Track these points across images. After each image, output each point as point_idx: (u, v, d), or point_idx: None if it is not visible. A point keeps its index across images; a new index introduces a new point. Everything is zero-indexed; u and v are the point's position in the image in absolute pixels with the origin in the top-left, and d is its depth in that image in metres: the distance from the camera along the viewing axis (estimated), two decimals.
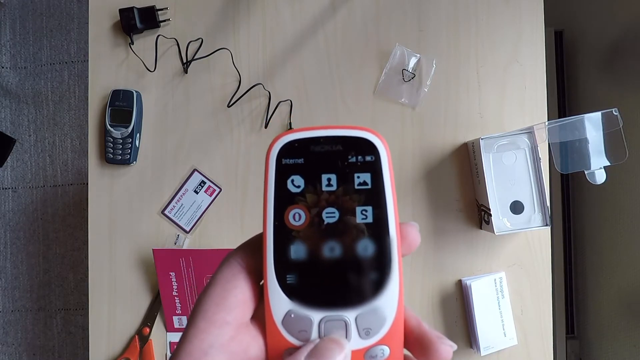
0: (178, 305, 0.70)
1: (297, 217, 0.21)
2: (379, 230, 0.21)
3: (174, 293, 0.70)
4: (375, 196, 0.21)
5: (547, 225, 0.64)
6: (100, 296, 0.71)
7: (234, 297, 0.21)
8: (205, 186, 0.72)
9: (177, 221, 0.72)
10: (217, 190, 0.72)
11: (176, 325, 0.71)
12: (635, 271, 0.99)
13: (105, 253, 0.72)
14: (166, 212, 0.72)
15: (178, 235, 0.71)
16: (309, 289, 0.21)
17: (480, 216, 0.69)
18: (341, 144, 0.22)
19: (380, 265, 0.21)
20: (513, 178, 0.65)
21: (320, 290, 0.21)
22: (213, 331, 0.20)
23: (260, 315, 0.22)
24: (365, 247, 0.21)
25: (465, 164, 0.71)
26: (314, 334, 0.21)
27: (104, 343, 0.71)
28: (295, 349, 0.21)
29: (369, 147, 0.22)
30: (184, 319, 0.71)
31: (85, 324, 1.44)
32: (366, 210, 0.21)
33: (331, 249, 0.21)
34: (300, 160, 0.22)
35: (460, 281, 0.70)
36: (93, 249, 0.72)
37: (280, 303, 0.21)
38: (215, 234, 0.72)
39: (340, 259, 0.21)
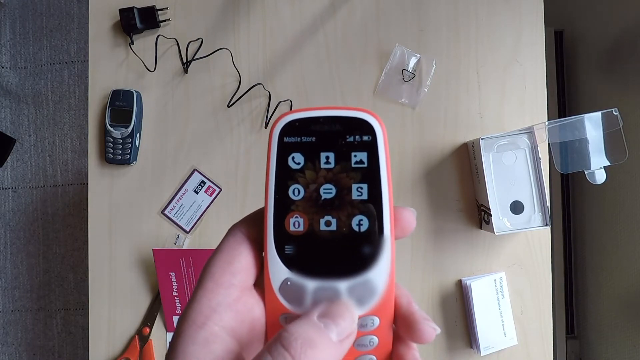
0: (178, 305, 0.70)
1: (296, 191, 0.23)
2: (373, 206, 0.22)
3: (174, 293, 0.70)
4: (370, 174, 0.22)
5: (547, 225, 0.64)
6: (100, 296, 0.71)
7: (239, 262, 0.23)
8: (205, 186, 0.72)
9: (177, 221, 0.72)
10: (217, 190, 0.72)
11: (176, 325, 0.71)
12: (635, 271, 0.99)
13: (105, 253, 0.72)
14: (166, 212, 0.72)
15: (178, 235, 0.71)
16: (305, 259, 0.22)
17: (480, 216, 0.69)
18: (340, 124, 0.23)
19: (373, 240, 0.22)
20: (513, 178, 0.65)
21: (315, 261, 0.22)
22: (220, 291, 0.22)
23: (261, 283, 0.23)
24: (359, 222, 0.22)
25: (465, 164, 0.71)
26: (308, 302, 0.22)
27: (104, 343, 0.71)
28: (291, 314, 0.22)
29: (366, 128, 0.23)
30: None
31: (85, 324, 1.44)
32: (362, 188, 0.22)
33: (327, 223, 0.22)
34: (301, 139, 0.23)
35: (460, 281, 0.70)
36: (93, 249, 0.72)
37: (278, 271, 0.22)
38: (215, 234, 0.72)
39: (335, 233, 0.22)
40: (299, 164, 0.23)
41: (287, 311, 0.22)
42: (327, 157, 0.23)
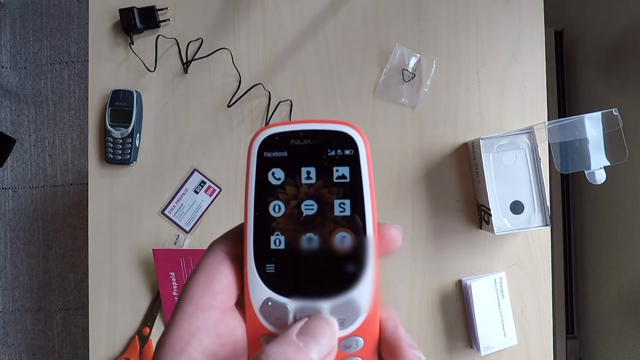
0: None
1: (276, 208, 0.22)
2: (355, 223, 0.22)
3: (174, 293, 0.70)
4: (353, 190, 0.22)
5: (547, 225, 0.64)
6: (100, 296, 0.71)
7: (219, 282, 0.22)
8: (205, 186, 0.72)
9: (177, 221, 0.72)
10: (217, 190, 0.72)
11: None
12: (635, 271, 0.99)
13: (105, 253, 0.72)
14: (166, 212, 0.72)
15: (178, 235, 0.71)
16: (286, 279, 0.22)
17: (480, 216, 0.69)
18: (321, 138, 0.22)
19: (356, 258, 0.21)
20: (513, 178, 0.65)
21: (297, 280, 0.22)
22: (200, 314, 0.21)
23: (244, 302, 0.22)
24: (342, 239, 0.21)
25: (465, 164, 0.71)
26: (290, 322, 0.21)
27: (104, 343, 0.71)
28: (272, 335, 0.21)
29: (348, 141, 0.22)
30: None
31: (85, 324, 1.44)
32: (344, 204, 0.22)
33: (309, 240, 0.22)
34: (281, 154, 0.22)
35: (460, 281, 0.70)
36: (93, 249, 0.72)
37: (259, 291, 0.22)
38: (215, 234, 0.71)
39: (317, 250, 0.22)
40: (279, 179, 0.22)
41: (268, 332, 0.22)
42: (308, 172, 0.22)
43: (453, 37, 0.72)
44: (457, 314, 0.70)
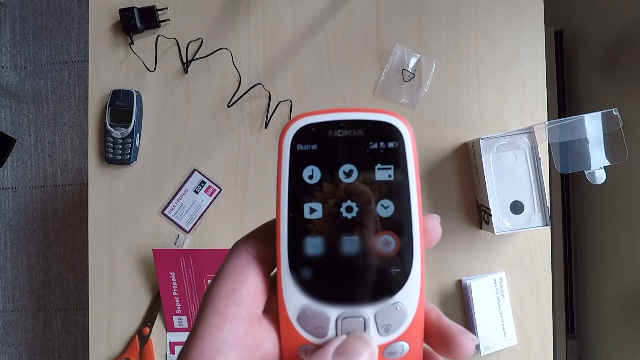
0: (178, 305, 0.70)
1: (313, 209, 0.20)
2: (401, 224, 0.20)
3: (174, 293, 0.70)
4: (398, 188, 0.20)
5: (547, 225, 0.64)
6: (100, 296, 0.71)
7: (245, 289, 0.20)
8: (205, 186, 0.72)
9: (177, 221, 0.72)
10: (217, 190, 0.72)
11: (176, 325, 0.71)
12: (635, 271, 0.99)
13: (105, 253, 0.72)
14: (166, 212, 0.72)
15: (178, 235, 0.71)
16: (325, 285, 0.20)
17: (480, 216, 0.69)
18: (362, 129, 0.20)
19: (402, 261, 0.20)
20: (513, 178, 0.65)
21: (337, 286, 0.20)
22: (225, 326, 0.19)
23: (272, 308, 0.21)
24: (386, 242, 0.20)
25: (465, 164, 0.71)
26: (331, 331, 0.20)
27: (104, 343, 0.71)
28: (312, 346, 0.20)
29: (392, 133, 0.20)
30: (184, 319, 0.71)
31: (85, 324, 1.44)
32: (388, 203, 0.20)
33: (349, 244, 0.20)
34: (317, 147, 0.20)
35: (460, 281, 0.70)
36: (93, 249, 0.72)
37: (295, 299, 0.20)
38: (215, 234, 0.72)
39: (359, 254, 0.20)
40: (315, 176, 0.20)
41: (308, 342, 0.20)
42: (348, 168, 0.20)
43: (453, 37, 0.72)
44: (457, 314, 0.70)
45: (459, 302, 0.70)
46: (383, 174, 0.20)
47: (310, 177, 0.20)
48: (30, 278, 1.47)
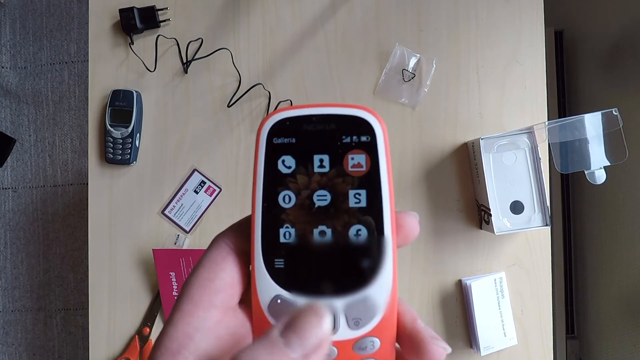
0: None
1: (287, 199, 0.20)
2: (372, 215, 0.20)
3: (174, 293, 0.70)
4: (369, 179, 0.20)
5: (547, 225, 0.64)
6: (100, 296, 0.71)
7: (221, 279, 0.20)
8: (205, 186, 0.72)
9: (177, 221, 0.72)
10: (217, 190, 0.72)
11: None
12: (635, 271, 0.99)
13: (105, 253, 0.72)
14: (166, 212, 0.72)
15: (178, 235, 0.71)
16: (297, 275, 0.20)
17: (480, 216, 0.69)
18: (335, 123, 0.21)
19: (373, 253, 0.20)
20: (513, 178, 0.65)
21: (308, 276, 0.20)
22: (199, 314, 0.20)
23: (248, 300, 0.21)
24: (357, 233, 0.20)
25: (465, 164, 0.71)
26: None
27: (104, 343, 0.71)
28: None
29: (364, 127, 0.21)
30: None
31: (85, 324, 1.44)
32: (360, 194, 0.20)
33: (321, 234, 0.20)
34: (292, 140, 0.21)
35: (460, 281, 0.70)
36: (93, 249, 0.72)
37: (267, 288, 0.20)
38: (215, 234, 0.72)
39: (330, 245, 0.20)
40: (289, 167, 0.21)
41: None
42: (321, 160, 0.20)
43: (453, 37, 0.72)
44: (457, 314, 0.70)
45: (459, 302, 0.70)
46: (355, 166, 0.20)
47: (285, 169, 0.21)
48: (30, 278, 1.47)
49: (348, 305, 0.20)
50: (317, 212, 0.20)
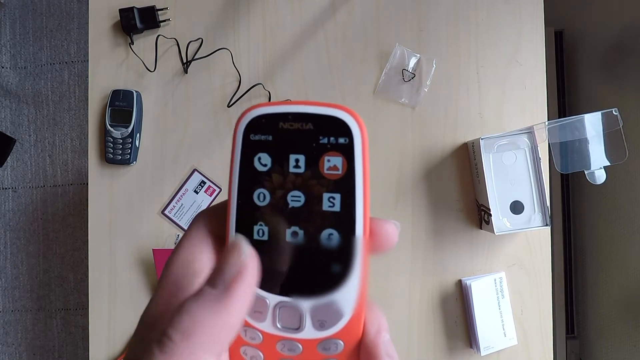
0: None
1: (261, 197, 0.20)
2: (345, 221, 0.20)
3: None
4: (344, 183, 0.20)
5: (547, 225, 0.64)
6: (100, 296, 0.71)
7: (200, 261, 0.21)
8: (205, 186, 0.72)
9: (177, 221, 0.72)
10: (217, 190, 0.72)
11: None
12: (635, 271, 0.99)
13: (105, 253, 0.72)
14: (166, 212, 0.72)
15: (178, 235, 0.71)
16: (266, 272, 0.20)
17: (480, 216, 0.69)
18: (312, 123, 0.20)
19: (342, 258, 0.20)
20: (513, 178, 0.65)
21: (278, 275, 0.20)
22: (178, 294, 0.20)
23: None
24: (328, 237, 0.20)
25: (465, 164, 0.71)
26: (269, 317, 0.20)
27: (104, 343, 0.71)
28: (250, 328, 0.21)
29: (342, 128, 0.20)
30: None
31: (85, 324, 1.44)
32: (334, 198, 0.20)
33: (293, 235, 0.20)
34: (269, 137, 0.20)
35: (460, 281, 0.70)
36: (93, 249, 0.72)
37: None
38: None
39: (301, 246, 0.20)
40: (265, 165, 0.20)
41: (247, 324, 0.21)
42: (297, 161, 0.20)
43: (453, 37, 0.72)
44: (457, 314, 0.70)
45: (459, 302, 0.70)
46: (330, 169, 0.20)
47: (261, 166, 0.20)
48: (30, 278, 1.47)
49: (314, 307, 0.20)
50: (291, 213, 0.20)
